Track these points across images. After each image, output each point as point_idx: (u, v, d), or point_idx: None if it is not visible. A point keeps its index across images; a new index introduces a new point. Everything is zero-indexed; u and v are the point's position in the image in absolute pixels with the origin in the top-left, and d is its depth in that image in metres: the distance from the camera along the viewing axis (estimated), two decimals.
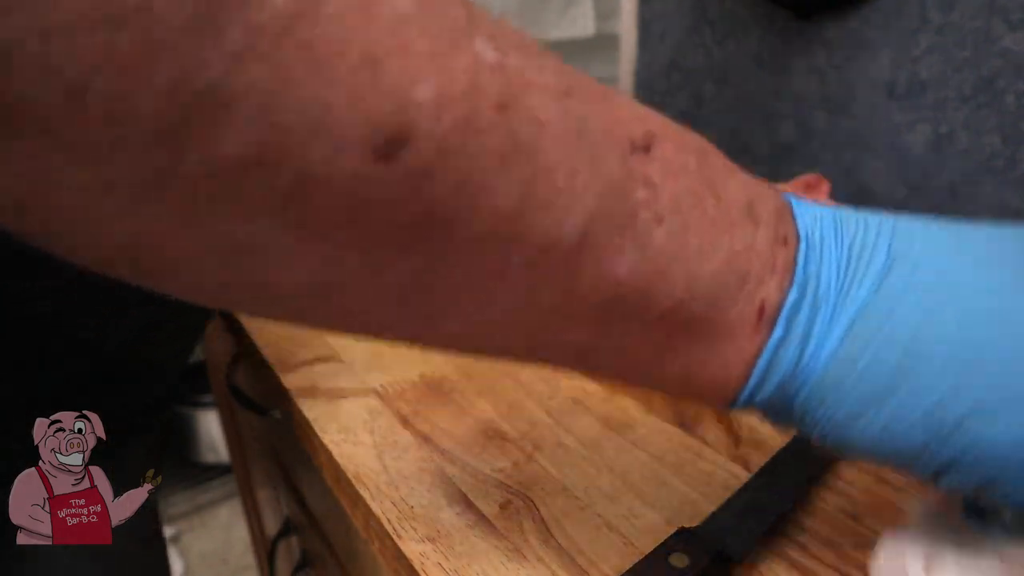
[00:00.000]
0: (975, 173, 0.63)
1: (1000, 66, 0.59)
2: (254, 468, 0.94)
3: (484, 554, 0.31)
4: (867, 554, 0.30)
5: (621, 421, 0.39)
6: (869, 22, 0.67)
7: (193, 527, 1.62)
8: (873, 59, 0.68)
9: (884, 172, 0.70)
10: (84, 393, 0.35)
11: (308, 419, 0.40)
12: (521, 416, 0.40)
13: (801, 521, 0.32)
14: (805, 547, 0.31)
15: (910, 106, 0.66)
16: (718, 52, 0.83)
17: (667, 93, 0.92)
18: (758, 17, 0.77)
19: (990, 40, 0.59)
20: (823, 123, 0.74)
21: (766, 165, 0.82)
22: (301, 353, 0.46)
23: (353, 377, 0.43)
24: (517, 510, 0.33)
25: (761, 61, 0.78)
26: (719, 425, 0.38)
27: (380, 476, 0.36)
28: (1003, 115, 0.60)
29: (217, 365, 0.84)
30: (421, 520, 0.33)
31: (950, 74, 0.63)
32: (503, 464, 0.36)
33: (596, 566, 0.30)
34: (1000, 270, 0.21)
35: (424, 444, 0.38)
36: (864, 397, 0.20)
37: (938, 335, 0.20)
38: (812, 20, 0.72)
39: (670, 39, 0.89)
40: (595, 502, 0.34)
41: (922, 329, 0.20)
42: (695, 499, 0.34)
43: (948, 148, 0.64)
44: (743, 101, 0.82)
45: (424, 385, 0.42)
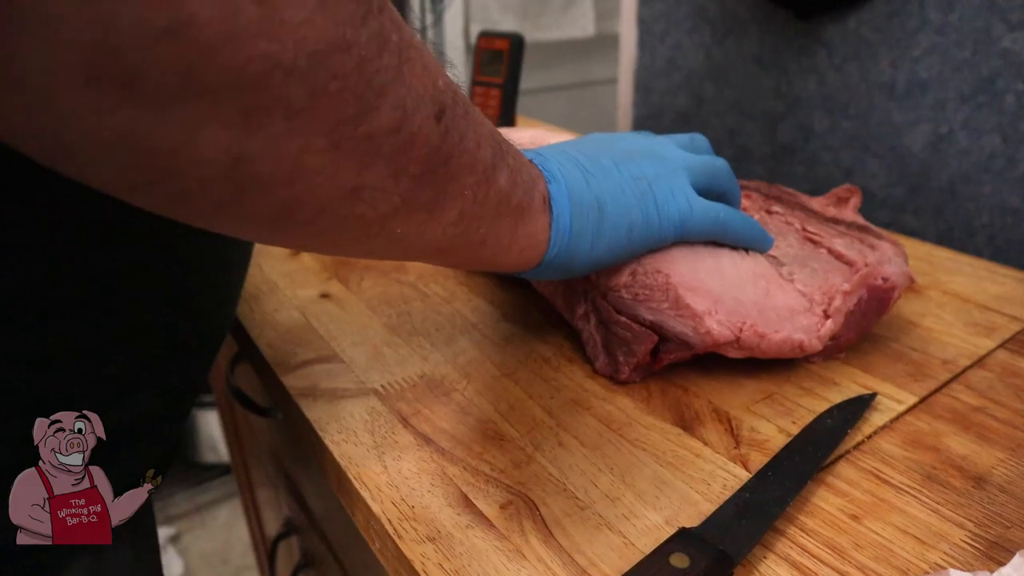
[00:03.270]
0: (975, 173, 0.63)
1: (1000, 66, 0.59)
2: (254, 468, 0.94)
3: (484, 554, 0.31)
4: (867, 554, 0.30)
5: (621, 421, 0.39)
6: (869, 22, 0.67)
7: (193, 527, 1.62)
8: (873, 59, 0.68)
9: (884, 172, 0.70)
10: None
11: (308, 419, 0.40)
12: (521, 416, 0.40)
13: (801, 521, 0.32)
14: (805, 547, 0.31)
15: (910, 106, 0.66)
16: (718, 52, 0.83)
17: (667, 93, 0.92)
18: (758, 17, 0.77)
19: (990, 40, 0.59)
20: (823, 123, 0.74)
21: (766, 165, 0.82)
22: (301, 353, 0.46)
23: (353, 377, 0.43)
24: (517, 510, 0.33)
25: (761, 61, 0.78)
26: (719, 425, 0.38)
27: (380, 476, 0.36)
28: (1003, 115, 0.60)
29: (217, 365, 0.84)
30: (421, 520, 0.33)
31: (950, 74, 0.63)
32: (503, 464, 0.36)
33: (596, 566, 0.30)
34: (587, 151, 0.39)
35: (424, 444, 0.38)
36: (592, 225, 0.36)
37: (598, 187, 0.37)
38: (812, 20, 0.72)
39: (670, 39, 0.89)
40: (595, 502, 0.34)
41: (590, 186, 0.37)
42: (695, 499, 0.34)
43: (948, 148, 0.64)
44: (743, 101, 0.82)
45: (424, 385, 0.42)
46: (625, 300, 0.40)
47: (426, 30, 2.23)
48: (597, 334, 0.43)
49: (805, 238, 0.45)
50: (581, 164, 0.37)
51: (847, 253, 0.43)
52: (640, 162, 0.39)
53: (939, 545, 0.31)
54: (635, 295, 0.40)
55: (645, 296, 0.39)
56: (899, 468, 0.35)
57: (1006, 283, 0.53)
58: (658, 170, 0.39)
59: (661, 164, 0.40)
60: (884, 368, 0.43)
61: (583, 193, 0.36)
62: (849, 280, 0.42)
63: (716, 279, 0.40)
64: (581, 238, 0.36)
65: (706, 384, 0.42)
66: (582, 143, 0.40)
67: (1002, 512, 0.32)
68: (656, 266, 0.39)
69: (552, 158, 0.37)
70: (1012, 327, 0.47)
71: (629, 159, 0.39)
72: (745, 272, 0.41)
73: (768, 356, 0.41)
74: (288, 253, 0.60)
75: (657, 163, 0.40)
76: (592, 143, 0.41)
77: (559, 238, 0.35)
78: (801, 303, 0.41)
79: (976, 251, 0.64)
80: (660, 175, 0.39)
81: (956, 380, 0.42)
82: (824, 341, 0.41)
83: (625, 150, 0.40)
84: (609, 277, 0.40)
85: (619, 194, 0.37)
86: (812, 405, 0.40)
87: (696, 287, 0.39)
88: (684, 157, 0.41)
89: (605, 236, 0.37)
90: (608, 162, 0.38)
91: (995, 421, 0.38)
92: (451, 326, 0.49)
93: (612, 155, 0.39)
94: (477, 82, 0.79)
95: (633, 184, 0.38)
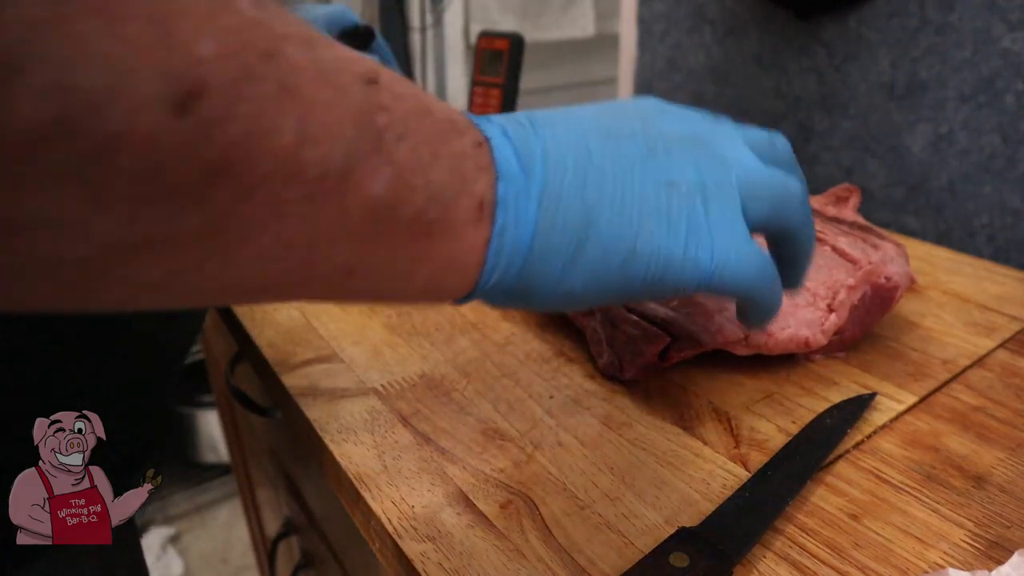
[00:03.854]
0: (975, 173, 0.63)
1: (1000, 66, 0.59)
2: (254, 468, 0.94)
3: (484, 553, 0.31)
4: (867, 554, 0.30)
5: (621, 421, 0.39)
6: (869, 22, 0.67)
7: (193, 527, 1.62)
8: (873, 59, 0.68)
9: (884, 172, 0.70)
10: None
11: (308, 419, 0.40)
12: (521, 416, 0.40)
13: (801, 521, 0.32)
14: (805, 547, 0.31)
15: (910, 106, 0.66)
16: (718, 52, 0.83)
17: (667, 93, 0.92)
18: (758, 17, 0.77)
19: (990, 40, 0.59)
20: (823, 123, 0.74)
21: None
22: (301, 353, 0.46)
23: (353, 377, 0.43)
24: (517, 510, 0.33)
25: (761, 61, 0.78)
26: (719, 425, 0.38)
27: (380, 476, 0.36)
28: (1003, 115, 0.60)
29: (217, 365, 0.84)
30: (421, 520, 0.33)
31: (950, 74, 0.63)
32: (503, 464, 0.36)
33: (596, 566, 0.30)
34: (607, 130, 0.28)
35: (424, 444, 0.38)
36: (569, 245, 0.26)
37: (597, 190, 0.26)
38: (812, 20, 0.72)
39: (670, 39, 0.89)
40: (595, 502, 0.34)
41: (586, 187, 0.26)
42: (695, 499, 0.34)
43: (948, 148, 0.64)
44: (743, 101, 0.82)
45: (424, 385, 0.42)
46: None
47: (426, 30, 2.23)
48: (602, 331, 0.43)
49: None
50: (588, 149, 0.27)
51: (851, 251, 0.44)
52: (680, 159, 0.28)
53: (939, 544, 0.31)
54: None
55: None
56: (899, 468, 0.35)
57: (1006, 283, 0.53)
58: (705, 178, 0.27)
59: (712, 169, 0.28)
60: (884, 368, 0.43)
61: (570, 198, 0.26)
62: (853, 276, 0.42)
63: None
64: (546, 260, 0.25)
65: (706, 383, 0.42)
66: (607, 112, 0.29)
67: (1002, 512, 0.32)
68: None
69: (541, 135, 0.26)
70: (1012, 327, 0.47)
71: (666, 152, 0.28)
72: None
73: (775, 353, 0.41)
74: None
75: (706, 165, 0.28)
76: (622, 114, 0.29)
77: (503, 260, 0.25)
78: (804, 297, 0.41)
79: (976, 251, 0.64)
80: (706, 187, 0.27)
81: (956, 380, 0.42)
82: (828, 335, 0.41)
83: (665, 135, 0.28)
84: None
85: (628, 203, 0.26)
86: (812, 405, 0.40)
87: None
88: (750, 164, 0.29)
89: (586, 262, 0.26)
90: (634, 151, 0.27)
91: (995, 421, 0.38)
92: (451, 326, 0.49)
93: (645, 140, 0.28)
94: (477, 82, 0.80)
95: (657, 193, 0.27)
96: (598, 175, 0.26)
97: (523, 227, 0.25)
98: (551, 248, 0.25)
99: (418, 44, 2.31)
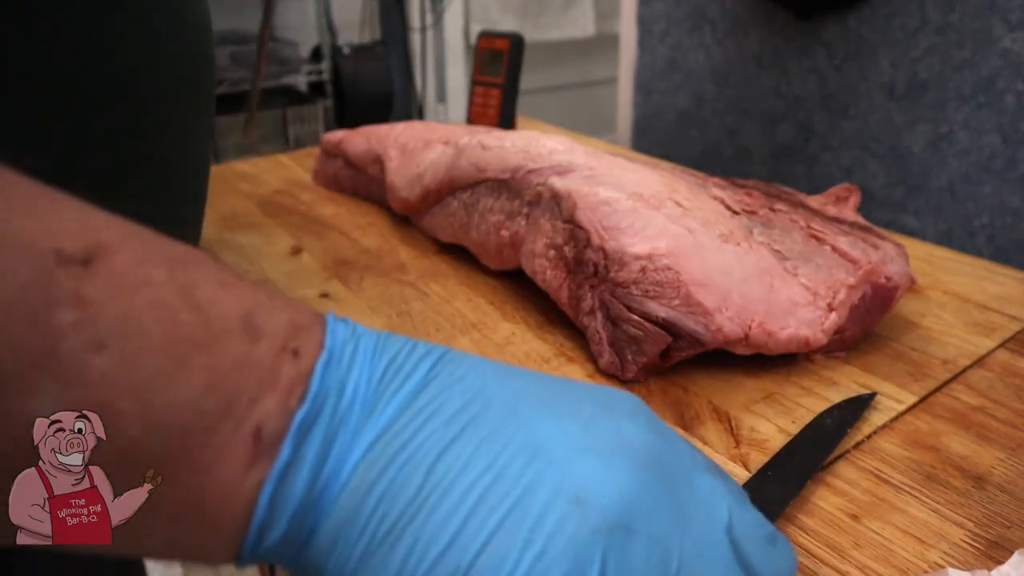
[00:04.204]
0: (975, 173, 0.63)
1: (1000, 66, 0.59)
2: None
3: None
4: (867, 554, 0.30)
5: None
6: (869, 22, 0.67)
7: None
8: (873, 59, 0.68)
9: (884, 172, 0.70)
10: None
11: None
12: None
13: (801, 521, 0.32)
14: (805, 547, 0.31)
15: (910, 106, 0.66)
16: (718, 52, 0.84)
17: (667, 93, 0.92)
18: (758, 17, 0.77)
19: (990, 40, 0.59)
20: (823, 123, 0.74)
21: (766, 165, 0.82)
22: None
23: None
24: None
25: (761, 61, 0.79)
26: (719, 424, 0.38)
27: None
28: (1003, 115, 0.60)
29: None
30: None
31: (950, 74, 0.63)
32: None
33: None
34: (536, 393, 0.20)
35: None
36: (379, 533, 0.17)
37: (462, 459, 0.17)
38: (812, 20, 0.72)
39: (670, 39, 0.89)
40: None
41: (448, 450, 0.18)
42: None
43: (948, 148, 0.64)
44: (743, 101, 0.82)
45: None
46: (635, 296, 0.40)
47: (426, 30, 2.23)
48: (603, 330, 0.43)
49: (810, 235, 0.45)
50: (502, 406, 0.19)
51: (851, 251, 0.44)
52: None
53: (939, 544, 0.31)
54: (645, 291, 0.40)
55: (656, 292, 0.39)
56: (899, 468, 0.35)
57: (1006, 283, 0.53)
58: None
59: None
60: (884, 368, 0.43)
61: (422, 459, 0.18)
62: (854, 276, 0.42)
63: (724, 275, 0.40)
64: (346, 541, 0.18)
65: (706, 383, 0.42)
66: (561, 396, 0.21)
67: (1002, 512, 0.32)
68: (665, 262, 0.40)
69: (441, 357, 0.20)
70: (1012, 327, 0.47)
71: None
72: (750, 267, 0.41)
73: (775, 352, 0.41)
74: (288, 252, 0.60)
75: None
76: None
77: (282, 515, 0.18)
78: (805, 296, 0.41)
79: (976, 251, 0.64)
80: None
81: (956, 380, 0.42)
82: (828, 334, 0.41)
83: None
84: (619, 272, 0.40)
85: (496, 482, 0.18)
86: (812, 405, 0.40)
87: (705, 283, 0.39)
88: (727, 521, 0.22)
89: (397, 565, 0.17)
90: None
91: (995, 421, 0.38)
92: (451, 326, 0.49)
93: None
94: (477, 82, 0.80)
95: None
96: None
97: (331, 473, 0.18)
98: (360, 517, 0.18)
99: (418, 44, 2.31)
